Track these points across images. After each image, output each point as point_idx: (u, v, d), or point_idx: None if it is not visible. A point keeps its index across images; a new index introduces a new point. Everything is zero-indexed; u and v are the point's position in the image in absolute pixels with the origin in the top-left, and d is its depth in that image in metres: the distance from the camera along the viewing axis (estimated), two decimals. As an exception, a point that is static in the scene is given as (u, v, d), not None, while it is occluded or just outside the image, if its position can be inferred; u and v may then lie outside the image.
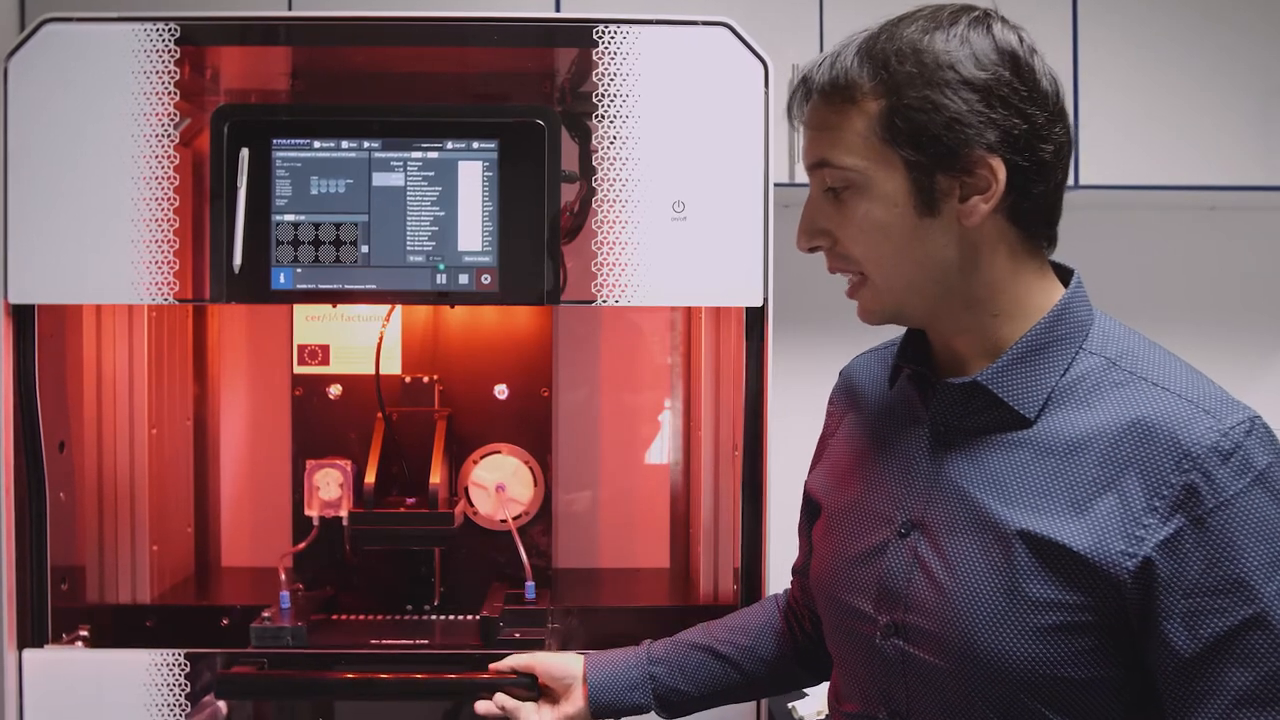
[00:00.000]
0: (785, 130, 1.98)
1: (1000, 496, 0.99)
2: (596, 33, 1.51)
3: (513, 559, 1.69)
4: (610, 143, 1.51)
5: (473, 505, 1.77)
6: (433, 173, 1.51)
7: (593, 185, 1.52)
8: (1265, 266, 2.43)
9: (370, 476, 1.67)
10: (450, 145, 1.52)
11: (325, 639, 1.59)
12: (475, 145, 1.51)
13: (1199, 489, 0.91)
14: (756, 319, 1.54)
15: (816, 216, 1.04)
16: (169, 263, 1.51)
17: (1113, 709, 0.96)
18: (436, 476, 1.67)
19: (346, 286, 1.51)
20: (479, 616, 1.63)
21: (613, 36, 1.51)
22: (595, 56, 1.51)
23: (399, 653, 1.55)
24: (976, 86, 0.96)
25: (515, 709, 1.33)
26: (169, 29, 1.50)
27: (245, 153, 1.50)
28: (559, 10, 2.00)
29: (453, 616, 1.74)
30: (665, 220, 1.51)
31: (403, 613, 1.74)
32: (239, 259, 1.49)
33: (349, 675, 1.51)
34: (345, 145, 1.51)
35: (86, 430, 1.70)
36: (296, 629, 1.55)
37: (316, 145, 1.51)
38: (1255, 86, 2.05)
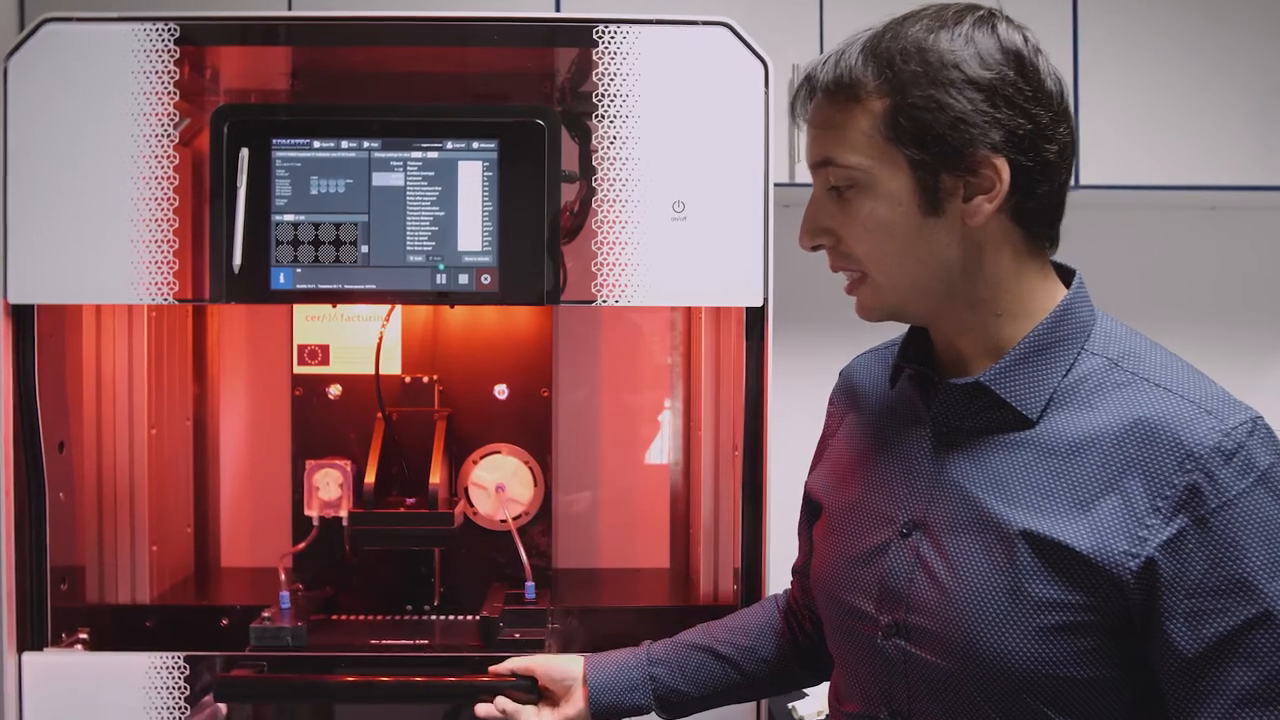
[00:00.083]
0: (785, 130, 1.99)
1: (1002, 497, 0.99)
2: (596, 33, 1.51)
3: (513, 559, 1.69)
4: (610, 143, 1.51)
5: (473, 505, 1.77)
6: (432, 173, 1.51)
7: (593, 185, 1.51)
8: (1265, 266, 2.43)
9: (370, 477, 1.67)
10: (450, 145, 1.51)
11: (325, 639, 1.59)
12: (475, 145, 1.51)
13: (1202, 489, 0.91)
14: (756, 319, 1.54)
15: (819, 215, 1.04)
16: (169, 263, 1.51)
17: (1114, 709, 0.96)
18: (436, 476, 1.67)
19: (346, 286, 1.51)
20: (479, 617, 1.63)
21: (613, 36, 1.51)
22: (595, 56, 1.51)
23: (399, 654, 1.55)
24: (981, 86, 0.96)
25: (516, 712, 1.33)
26: (169, 29, 1.50)
27: (245, 153, 1.49)
28: (559, 10, 2.00)
29: (453, 617, 1.74)
30: (665, 220, 1.51)
31: (402, 613, 1.74)
32: (239, 259, 1.49)
33: (348, 678, 1.50)
34: (345, 145, 1.51)
35: (86, 430, 1.70)
36: (296, 629, 1.55)
37: (316, 145, 1.51)
38: (1255, 86, 2.05)
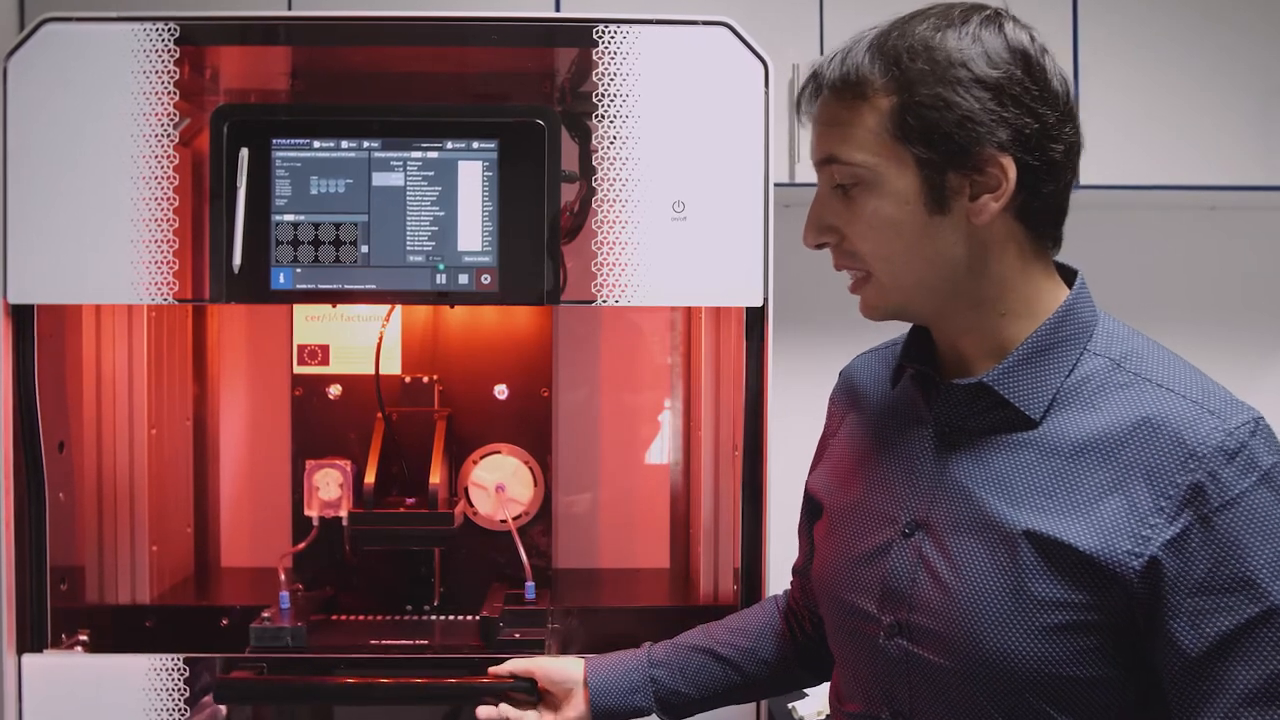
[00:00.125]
0: (785, 130, 1.99)
1: (1005, 497, 0.99)
2: (596, 32, 1.51)
3: (512, 559, 1.69)
4: (610, 143, 1.51)
5: (472, 505, 1.77)
6: (432, 173, 1.51)
7: (593, 185, 1.51)
8: (1265, 266, 2.43)
9: (370, 477, 1.67)
10: (450, 145, 1.51)
11: (325, 639, 1.59)
12: (475, 145, 1.51)
13: (1205, 488, 0.91)
14: (756, 319, 1.53)
15: (824, 213, 1.04)
16: (168, 263, 1.51)
17: (1117, 708, 0.96)
18: (436, 477, 1.67)
19: (346, 286, 1.51)
20: (479, 617, 1.63)
21: (613, 36, 1.51)
22: (595, 56, 1.51)
23: (399, 655, 1.55)
24: (989, 85, 0.96)
25: (519, 718, 1.33)
26: (169, 29, 1.50)
27: (245, 152, 1.49)
28: (559, 10, 1.99)
29: (452, 617, 1.74)
30: (665, 220, 1.51)
31: (402, 613, 1.74)
32: (239, 259, 1.49)
33: (348, 679, 1.50)
34: (345, 145, 1.51)
35: (86, 430, 1.70)
36: (296, 629, 1.55)
37: (316, 145, 1.51)
38: (1255, 86, 2.05)
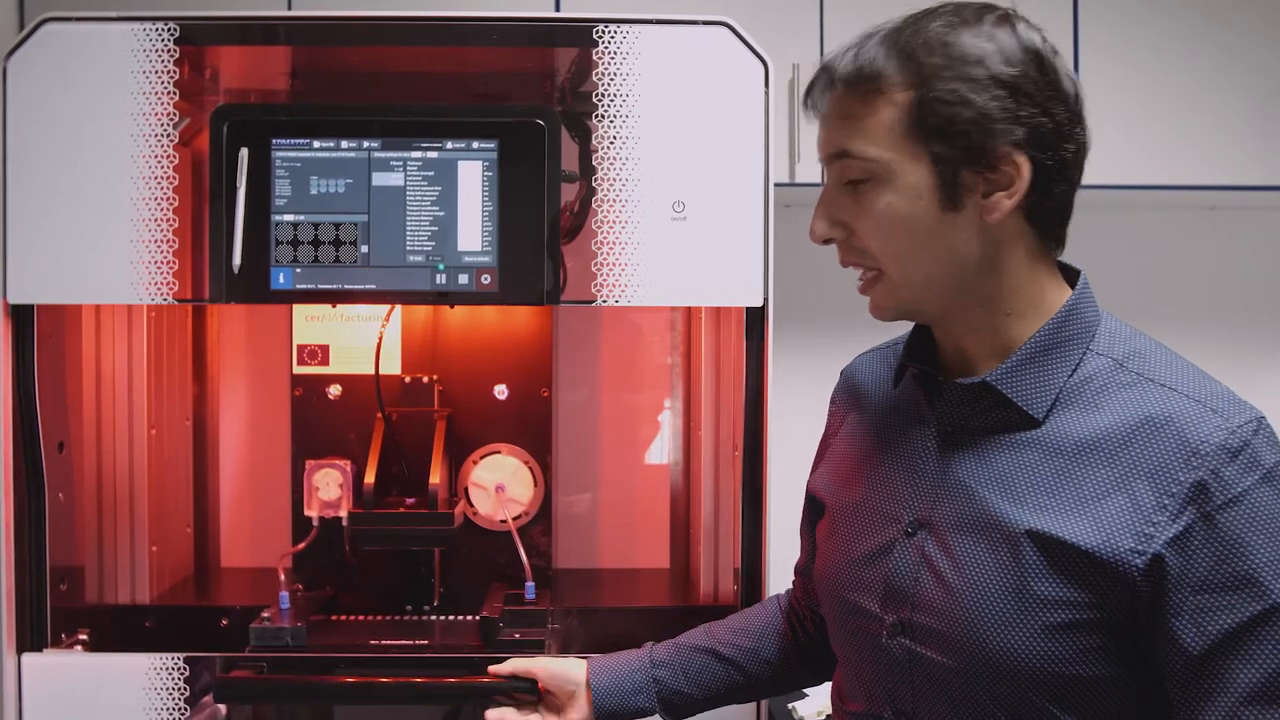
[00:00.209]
0: (785, 130, 1.99)
1: (1008, 496, 0.99)
2: (596, 32, 1.51)
3: (512, 559, 1.69)
4: (610, 143, 1.51)
5: (472, 505, 1.77)
6: (432, 172, 1.51)
7: (593, 185, 1.51)
8: (1266, 266, 2.43)
9: (370, 477, 1.67)
10: (450, 145, 1.51)
11: (325, 639, 1.59)
12: (475, 145, 1.51)
13: (1208, 485, 0.92)
14: (756, 319, 1.53)
15: (833, 208, 1.03)
16: (168, 263, 1.51)
17: (1119, 706, 0.96)
18: (436, 477, 1.67)
19: (346, 286, 1.51)
20: (479, 617, 1.63)
21: (613, 36, 1.51)
22: (595, 56, 1.51)
23: (398, 655, 1.55)
24: (1004, 83, 0.96)
25: None
26: (168, 28, 1.50)
27: (245, 152, 1.49)
28: (559, 10, 1.99)
29: (452, 617, 1.74)
30: (665, 220, 1.51)
31: (402, 613, 1.74)
32: (238, 259, 1.49)
33: (348, 679, 1.50)
34: (345, 145, 1.51)
35: (86, 430, 1.70)
36: (296, 629, 1.55)
37: (316, 145, 1.51)
38: (1255, 86, 2.05)
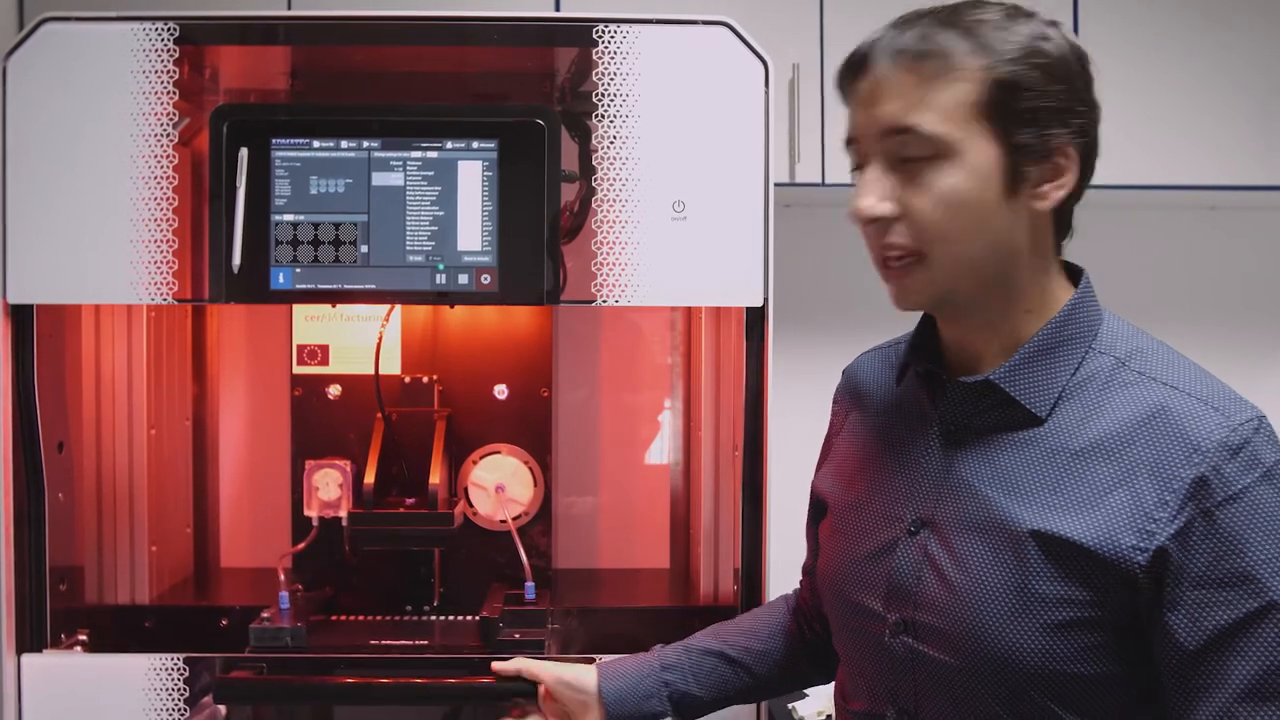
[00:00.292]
0: (785, 130, 1.99)
1: (1011, 494, 0.99)
2: (596, 32, 1.51)
3: (512, 559, 1.69)
4: (610, 142, 1.51)
5: (472, 506, 1.77)
6: (432, 172, 1.51)
7: (593, 185, 1.51)
8: (1266, 266, 2.43)
9: (370, 477, 1.67)
10: (450, 145, 1.51)
11: (324, 640, 1.59)
12: (475, 145, 1.51)
13: (1209, 482, 0.92)
14: (756, 319, 1.53)
15: (883, 185, 1.00)
16: (168, 263, 1.50)
17: (1121, 705, 0.97)
18: (436, 477, 1.67)
19: (346, 286, 1.51)
20: (479, 617, 1.63)
21: (613, 36, 1.51)
22: (595, 56, 1.51)
23: (398, 655, 1.54)
24: (1064, 76, 0.98)
25: None
26: (168, 28, 1.50)
27: (244, 152, 1.49)
28: (559, 10, 1.99)
29: (452, 617, 1.74)
30: (665, 220, 1.51)
31: (402, 613, 1.74)
32: (238, 259, 1.49)
33: (348, 679, 1.50)
34: (344, 145, 1.51)
35: (85, 430, 1.70)
36: (296, 629, 1.54)
37: (316, 145, 1.51)
38: (1256, 86, 2.05)
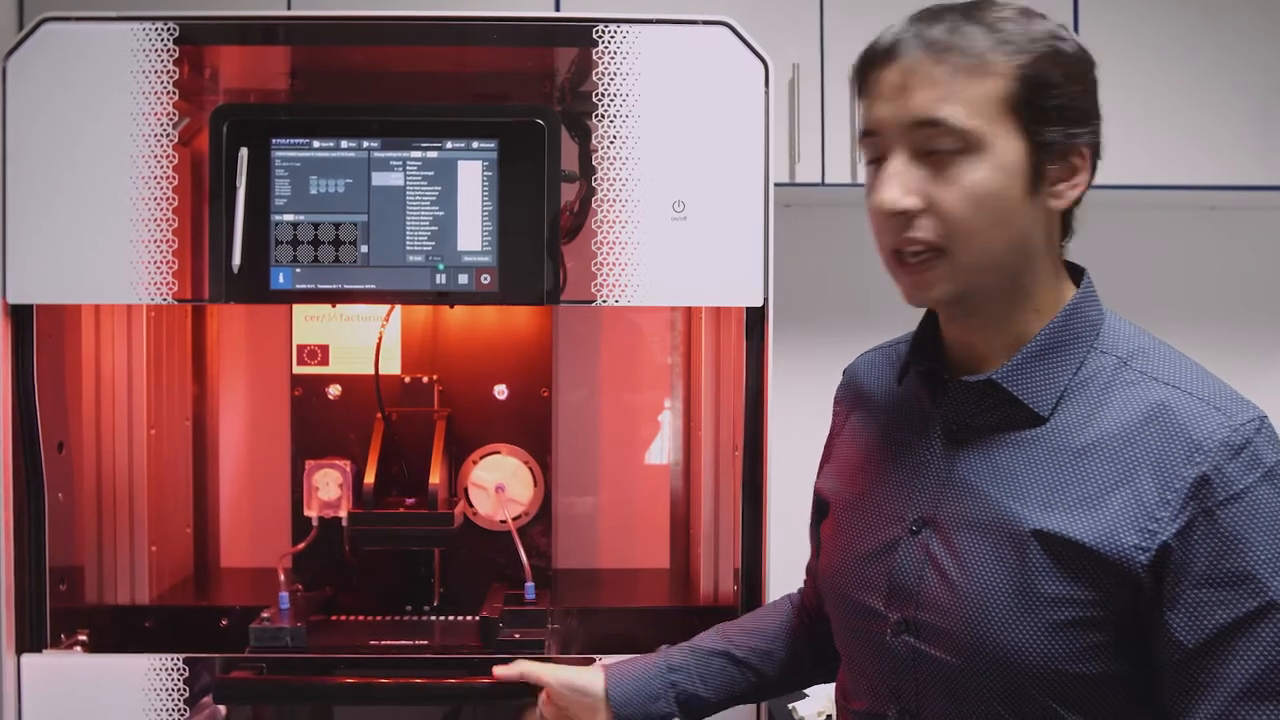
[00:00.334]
0: (785, 130, 1.99)
1: (1014, 493, 0.99)
2: (596, 32, 1.51)
3: (512, 559, 1.69)
4: (610, 142, 1.51)
5: (472, 506, 1.77)
6: (432, 172, 1.51)
7: (593, 185, 1.51)
8: (1266, 266, 2.43)
9: (370, 477, 1.67)
10: (450, 145, 1.51)
11: (324, 640, 1.59)
12: (475, 145, 1.51)
13: (1211, 481, 0.92)
14: (756, 319, 1.53)
15: (908, 178, 0.99)
16: (168, 262, 1.50)
17: (1122, 704, 0.97)
18: (436, 477, 1.67)
19: (346, 286, 1.51)
20: (479, 617, 1.63)
21: (613, 36, 1.51)
22: (595, 56, 1.51)
23: (398, 655, 1.54)
24: (1080, 77, 1.00)
25: None
26: (168, 28, 1.50)
27: (244, 152, 1.49)
28: (559, 10, 1.99)
29: (452, 617, 1.74)
30: (665, 220, 1.51)
31: (402, 613, 1.74)
32: (238, 259, 1.49)
33: (348, 680, 1.50)
34: (344, 145, 1.51)
35: (85, 430, 1.70)
36: (296, 630, 1.54)
37: (316, 145, 1.51)
38: (1256, 85, 2.05)
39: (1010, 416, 1.02)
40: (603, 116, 1.51)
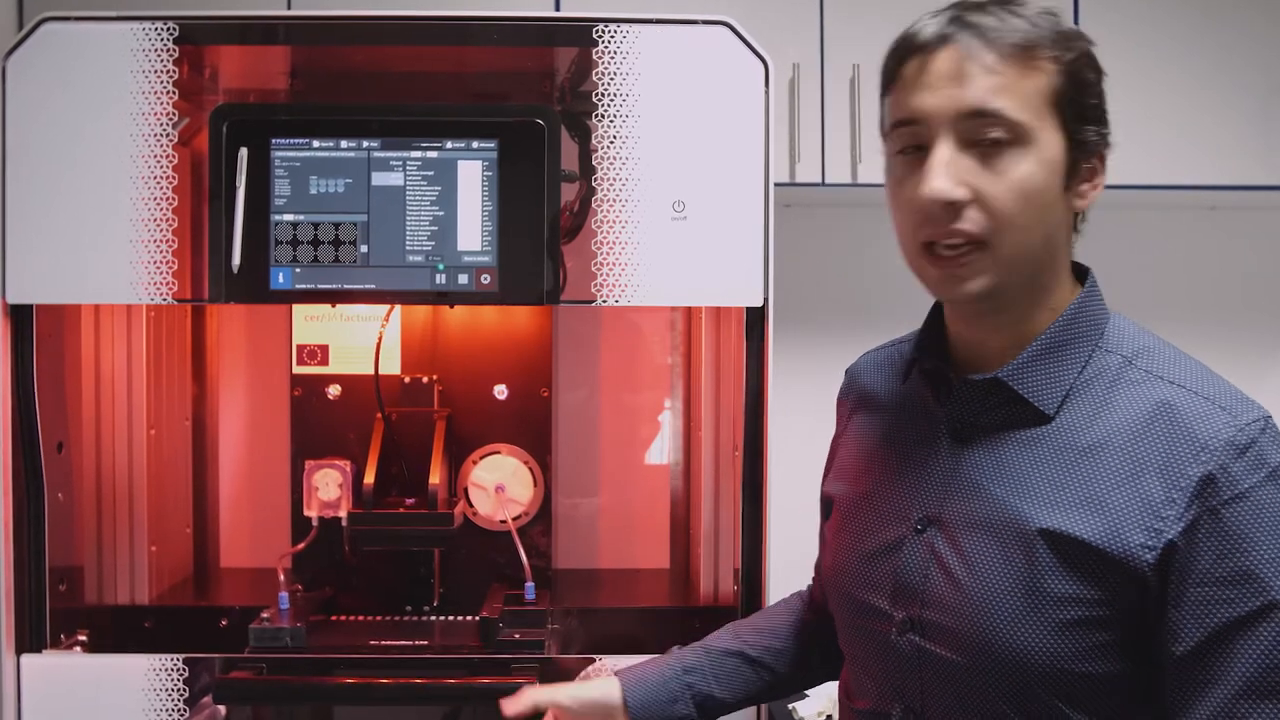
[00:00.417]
0: (785, 130, 1.99)
1: (1019, 492, 0.99)
2: (596, 32, 1.51)
3: (512, 559, 1.69)
4: (610, 142, 1.51)
5: (472, 506, 1.77)
6: (432, 172, 1.51)
7: (593, 185, 1.51)
8: (1266, 266, 2.43)
9: (369, 477, 1.67)
10: (450, 145, 1.51)
11: (324, 640, 1.59)
12: (475, 145, 1.51)
13: (1216, 479, 0.92)
14: (756, 319, 1.53)
15: (957, 168, 0.97)
16: (168, 262, 1.50)
17: (1127, 703, 0.97)
18: (436, 477, 1.67)
19: (346, 286, 1.51)
20: (478, 617, 1.63)
21: (612, 36, 1.51)
22: (595, 56, 1.51)
23: (398, 655, 1.54)
24: (1102, 81, 1.02)
25: None
26: (168, 28, 1.50)
27: (244, 152, 1.49)
28: (559, 9, 1.99)
29: (452, 617, 1.74)
30: (665, 220, 1.51)
31: (402, 613, 1.74)
32: (238, 259, 1.49)
33: (347, 680, 1.50)
34: (344, 145, 1.51)
35: (85, 431, 1.70)
36: (295, 630, 1.54)
37: (315, 145, 1.51)
38: (1256, 85, 2.05)
39: (1016, 415, 1.02)
40: (603, 116, 1.51)
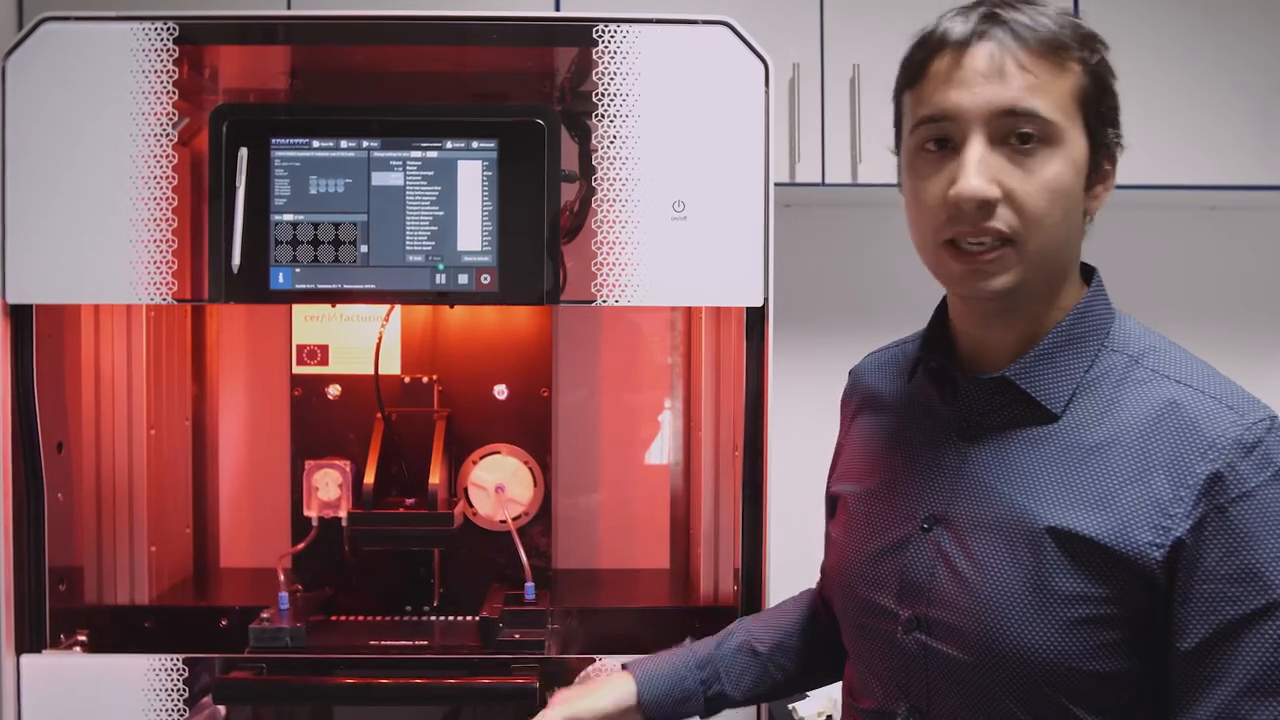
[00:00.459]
0: (785, 130, 1.99)
1: (1027, 491, 0.99)
2: (596, 32, 1.51)
3: (512, 560, 1.69)
4: (610, 142, 1.51)
5: (472, 506, 1.77)
6: (432, 172, 1.51)
7: (593, 185, 1.51)
8: (1266, 266, 2.43)
9: (369, 477, 1.67)
10: (450, 145, 1.51)
11: (324, 640, 1.59)
12: (475, 145, 1.51)
13: (1223, 477, 0.92)
14: (757, 319, 1.53)
15: (991, 167, 0.97)
16: (167, 262, 1.50)
17: (1134, 700, 0.97)
18: (436, 477, 1.67)
19: (345, 286, 1.51)
20: (478, 617, 1.63)
21: (613, 36, 1.51)
22: (595, 56, 1.51)
23: (398, 655, 1.54)
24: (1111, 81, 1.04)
25: None
26: (168, 28, 1.50)
27: (244, 152, 1.49)
28: (559, 9, 1.99)
29: (452, 617, 1.74)
30: (665, 220, 1.51)
31: (402, 614, 1.74)
32: (238, 259, 1.49)
33: (347, 680, 1.50)
34: (344, 145, 1.51)
35: (85, 431, 1.70)
36: (295, 630, 1.54)
37: (315, 145, 1.51)
38: (1256, 85, 2.05)
39: (1023, 414, 1.02)
40: (603, 116, 1.51)
